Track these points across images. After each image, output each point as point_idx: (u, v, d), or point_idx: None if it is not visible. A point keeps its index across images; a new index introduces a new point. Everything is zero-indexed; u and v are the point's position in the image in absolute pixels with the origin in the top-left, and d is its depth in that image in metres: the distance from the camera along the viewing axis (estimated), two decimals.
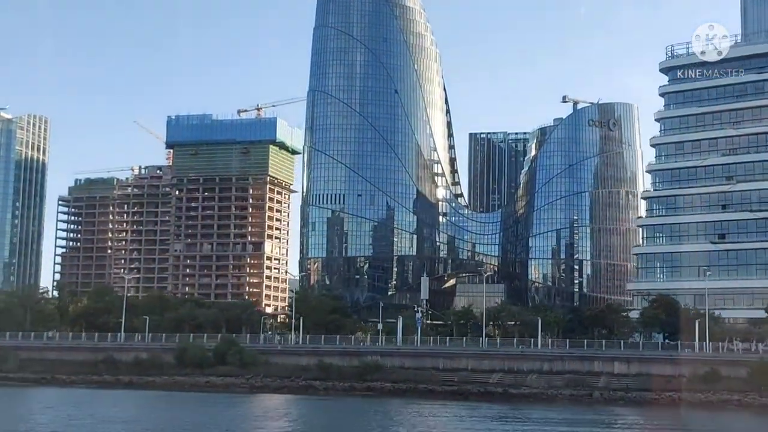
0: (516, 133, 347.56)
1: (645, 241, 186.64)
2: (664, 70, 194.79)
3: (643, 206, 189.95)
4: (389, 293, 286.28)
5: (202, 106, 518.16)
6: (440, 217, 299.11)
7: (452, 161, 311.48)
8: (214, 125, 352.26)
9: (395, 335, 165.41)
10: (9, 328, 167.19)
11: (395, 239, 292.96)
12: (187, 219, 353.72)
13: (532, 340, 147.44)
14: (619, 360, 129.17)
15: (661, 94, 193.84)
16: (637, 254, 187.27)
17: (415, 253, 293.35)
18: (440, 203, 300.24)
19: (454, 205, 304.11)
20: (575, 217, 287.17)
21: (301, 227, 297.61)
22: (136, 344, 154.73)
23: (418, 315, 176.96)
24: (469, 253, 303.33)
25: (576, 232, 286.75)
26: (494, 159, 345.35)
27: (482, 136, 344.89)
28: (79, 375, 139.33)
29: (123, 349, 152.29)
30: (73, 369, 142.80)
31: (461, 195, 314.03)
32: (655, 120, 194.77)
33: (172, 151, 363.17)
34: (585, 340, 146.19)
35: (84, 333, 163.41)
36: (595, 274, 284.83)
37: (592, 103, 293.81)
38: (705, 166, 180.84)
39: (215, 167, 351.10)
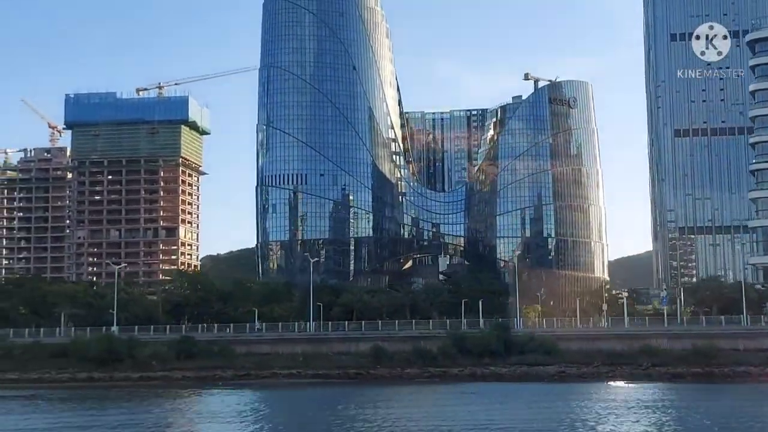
0: (433, 113, 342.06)
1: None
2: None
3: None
4: (350, 277, 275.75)
5: (103, 84, 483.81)
6: (400, 197, 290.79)
7: (405, 139, 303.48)
8: (118, 104, 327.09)
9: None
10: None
11: (353, 220, 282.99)
12: (90, 204, 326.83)
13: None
14: None
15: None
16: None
17: (374, 234, 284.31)
18: (399, 182, 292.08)
19: (413, 184, 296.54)
20: (539, 195, 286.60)
21: (259, 209, 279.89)
22: (398, 331, 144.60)
23: (663, 294, 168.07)
24: (431, 233, 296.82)
25: (542, 209, 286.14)
26: None
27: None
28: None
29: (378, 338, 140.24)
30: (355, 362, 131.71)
31: (416, 174, 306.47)
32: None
33: (71, 131, 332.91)
34: None
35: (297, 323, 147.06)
36: (561, 251, 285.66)
37: (551, 80, 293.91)
38: None
39: (121, 149, 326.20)
